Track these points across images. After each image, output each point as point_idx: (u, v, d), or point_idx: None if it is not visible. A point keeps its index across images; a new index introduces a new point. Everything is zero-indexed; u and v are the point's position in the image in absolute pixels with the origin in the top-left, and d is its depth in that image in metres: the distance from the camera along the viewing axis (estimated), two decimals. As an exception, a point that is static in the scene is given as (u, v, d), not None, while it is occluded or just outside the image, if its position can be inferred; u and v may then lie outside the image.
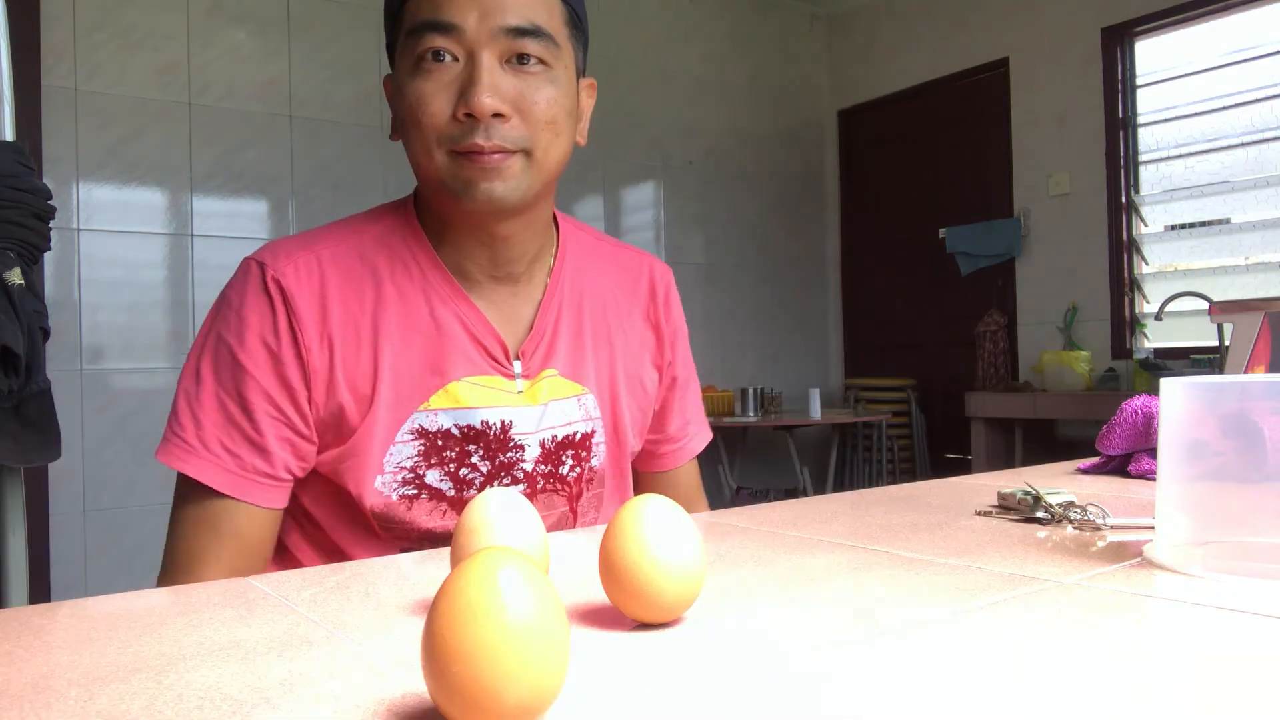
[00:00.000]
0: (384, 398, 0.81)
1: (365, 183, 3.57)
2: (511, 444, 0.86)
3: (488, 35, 0.77)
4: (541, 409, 0.87)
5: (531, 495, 0.88)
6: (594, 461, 0.92)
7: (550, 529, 0.87)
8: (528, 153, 0.79)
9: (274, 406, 0.79)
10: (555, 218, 0.93)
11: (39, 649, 0.45)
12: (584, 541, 0.72)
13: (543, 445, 0.88)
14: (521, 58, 0.78)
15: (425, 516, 0.84)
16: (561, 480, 0.90)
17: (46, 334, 1.20)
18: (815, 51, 5.14)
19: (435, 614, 0.33)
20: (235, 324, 0.80)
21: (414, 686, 0.38)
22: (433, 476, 0.84)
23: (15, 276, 1.14)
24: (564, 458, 0.90)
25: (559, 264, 0.91)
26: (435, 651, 0.33)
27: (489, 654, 0.32)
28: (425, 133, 0.78)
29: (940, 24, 4.57)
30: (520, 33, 0.77)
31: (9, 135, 1.24)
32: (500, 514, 0.50)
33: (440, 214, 0.84)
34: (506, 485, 0.87)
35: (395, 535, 0.84)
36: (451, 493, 0.85)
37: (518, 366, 0.86)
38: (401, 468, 0.83)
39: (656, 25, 4.46)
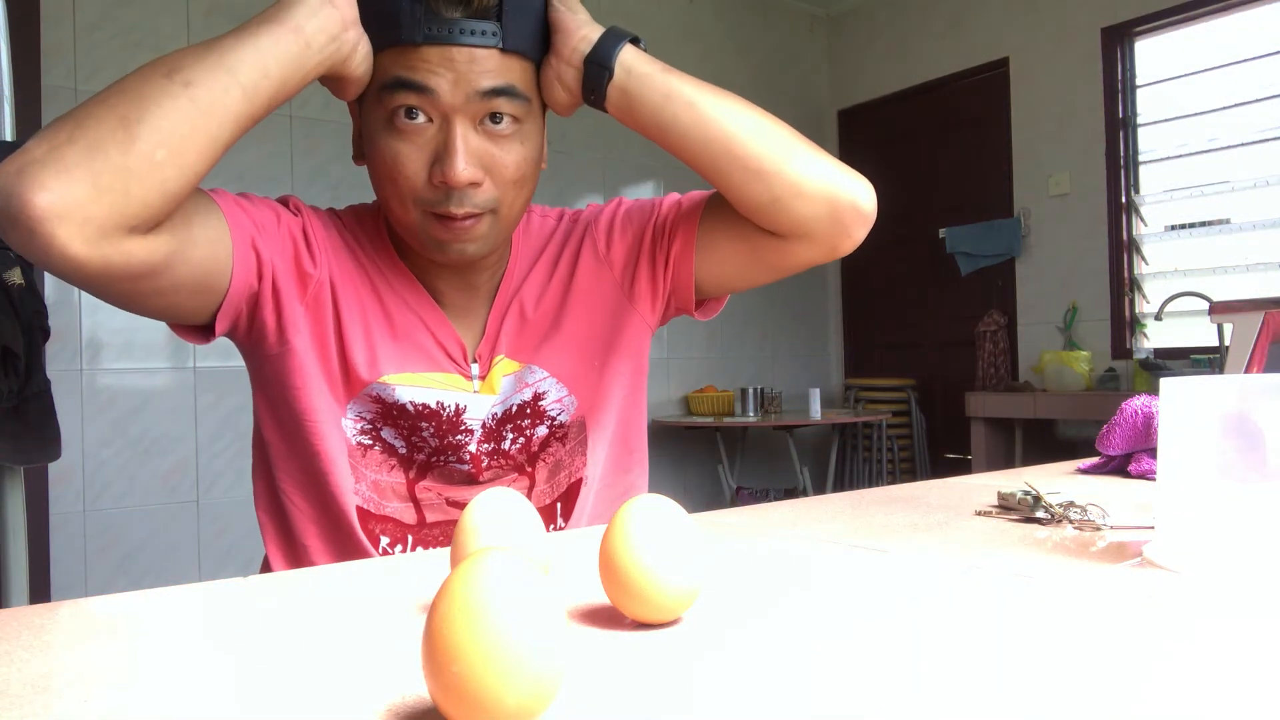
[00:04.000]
0: (358, 346, 0.84)
1: (365, 183, 3.56)
2: (462, 427, 0.88)
3: (462, 99, 0.77)
4: (495, 398, 0.90)
5: (478, 474, 0.89)
6: (540, 430, 0.92)
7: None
8: (495, 210, 0.81)
9: (276, 228, 0.83)
10: None
11: (39, 649, 0.45)
12: (584, 541, 0.72)
13: (484, 426, 0.89)
14: (494, 117, 0.79)
15: (374, 469, 0.87)
16: (505, 455, 0.91)
17: (46, 334, 1.20)
18: (815, 51, 5.14)
19: (435, 614, 0.33)
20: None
21: (414, 686, 0.38)
22: (388, 433, 0.87)
23: (15, 276, 1.14)
24: (504, 433, 0.91)
25: (511, 264, 0.92)
26: (435, 651, 0.33)
27: (489, 654, 0.32)
28: (401, 191, 0.80)
29: (940, 24, 4.57)
30: (494, 93, 0.78)
31: (9, 135, 1.24)
32: (500, 514, 0.50)
33: (413, 248, 0.87)
34: (452, 466, 0.89)
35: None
36: (403, 450, 0.87)
37: (475, 369, 0.89)
38: (362, 418, 0.86)
39: (656, 25, 4.46)
